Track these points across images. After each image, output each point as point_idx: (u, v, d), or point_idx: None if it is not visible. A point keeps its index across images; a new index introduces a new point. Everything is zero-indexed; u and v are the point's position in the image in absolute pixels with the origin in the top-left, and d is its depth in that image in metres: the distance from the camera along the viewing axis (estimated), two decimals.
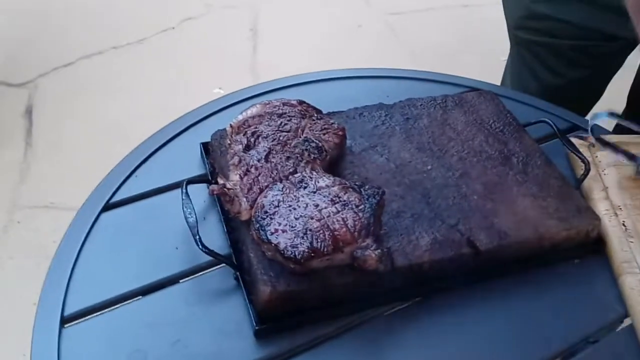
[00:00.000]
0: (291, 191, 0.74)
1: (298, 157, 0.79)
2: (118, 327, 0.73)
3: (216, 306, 0.75)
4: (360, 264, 0.70)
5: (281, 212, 0.71)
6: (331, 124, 0.85)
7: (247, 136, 0.82)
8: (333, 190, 0.74)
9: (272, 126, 0.82)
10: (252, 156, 0.79)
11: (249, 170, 0.78)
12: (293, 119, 0.84)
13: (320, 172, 0.78)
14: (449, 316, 0.76)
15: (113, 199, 0.85)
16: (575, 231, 0.81)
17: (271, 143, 0.81)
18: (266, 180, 0.76)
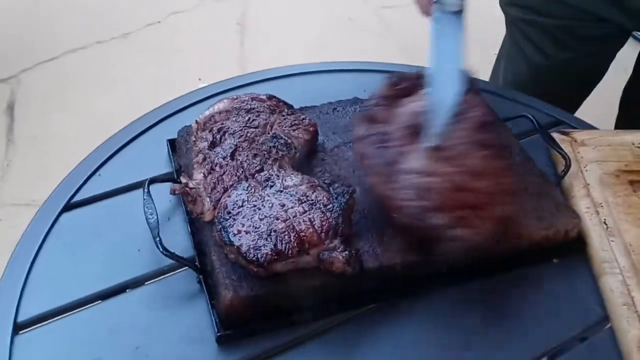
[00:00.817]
0: (257, 190, 0.71)
1: (265, 154, 0.76)
2: (76, 334, 0.70)
3: (179, 311, 0.71)
4: (327, 266, 0.66)
5: (245, 212, 0.68)
6: (302, 120, 0.82)
7: (213, 133, 0.78)
8: (301, 189, 0.71)
9: (240, 122, 0.79)
10: (217, 154, 0.76)
11: (213, 168, 0.74)
12: (262, 115, 0.80)
13: (289, 170, 0.75)
14: (424, 319, 0.73)
15: (74, 198, 0.82)
16: (553, 230, 0.78)
17: (238, 140, 0.77)
18: (231, 179, 0.73)
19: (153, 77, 2.36)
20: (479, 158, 0.68)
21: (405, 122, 0.71)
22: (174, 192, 0.73)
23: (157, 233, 0.72)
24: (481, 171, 0.67)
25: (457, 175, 0.67)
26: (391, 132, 0.71)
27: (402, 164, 0.69)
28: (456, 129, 0.69)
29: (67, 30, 2.54)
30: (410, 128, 0.70)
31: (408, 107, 0.73)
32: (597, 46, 1.17)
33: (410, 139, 0.70)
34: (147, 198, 0.75)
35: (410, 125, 0.70)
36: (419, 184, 0.67)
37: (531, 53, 1.20)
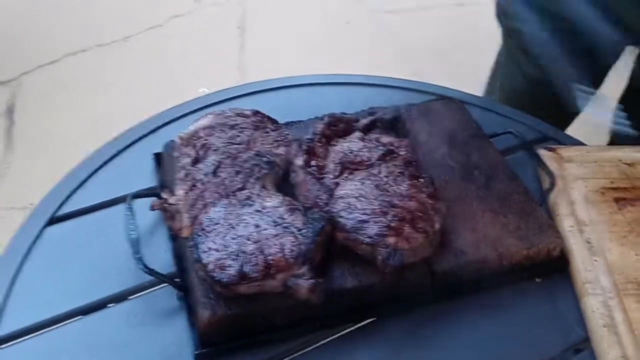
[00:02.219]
0: (235, 208, 0.71)
1: (248, 172, 0.76)
2: (56, 349, 0.70)
3: (159, 328, 0.72)
4: (292, 293, 0.66)
5: (219, 230, 0.68)
6: (285, 136, 0.82)
7: (196, 149, 0.79)
8: (278, 210, 0.71)
9: (223, 138, 0.79)
10: (199, 170, 0.76)
11: (195, 185, 0.75)
12: (245, 131, 0.81)
13: (270, 190, 0.75)
14: (403, 338, 0.73)
15: (59, 212, 0.83)
16: (535, 250, 0.78)
17: (221, 156, 0.78)
18: (211, 196, 0.73)
19: (153, 80, 2.37)
20: (407, 185, 0.77)
21: (339, 158, 0.80)
22: (152, 208, 0.73)
23: (138, 250, 0.72)
24: (408, 194, 0.75)
25: (387, 196, 0.75)
26: (326, 166, 0.79)
27: (337, 191, 0.76)
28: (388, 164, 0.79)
29: (67, 34, 2.56)
30: (342, 164, 0.79)
31: (342, 147, 0.81)
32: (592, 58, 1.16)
33: (341, 173, 0.78)
34: (129, 214, 0.76)
35: (342, 163, 0.79)
36: (353, 204, 0.74)
37: (525, 65, 1.20)
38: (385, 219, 0.72)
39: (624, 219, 0.84)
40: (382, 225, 0.71)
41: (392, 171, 0.78)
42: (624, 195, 0.87)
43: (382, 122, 0.84)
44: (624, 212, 0.85)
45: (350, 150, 0.80)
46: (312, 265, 0.67)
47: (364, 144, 0.81)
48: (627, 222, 0.84)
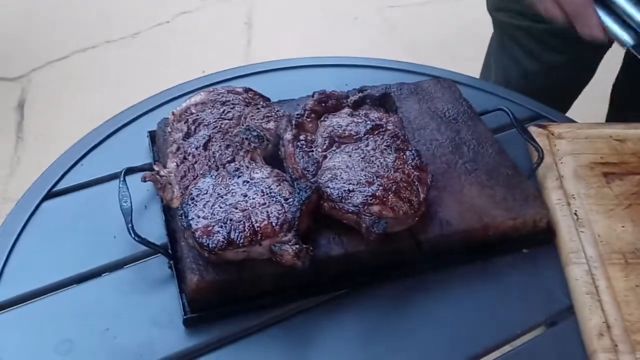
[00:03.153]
0: (224, 180, 0.73)
1: (238, 145, 0.78)
2: (48, 316, 0.72)
3: (149, 295, 0.74)
4: (277, 258, 0.68)
5: (208, 199, 0.70)
6: (275, 112, 0.83)
7: (188, 124, 0.80)
8: (267, 182, 0.72)
9: (214, 114, 0.81)
10: (190, 144, 0.78)
11: (186, 157, 0.77)
12: (236, 107, 0.82)
13: (259, 163, 0.77)
14: (389, 307, 0.75)
15: (56, 187, 0.85)
16: (521, 220, 0.78)
17: (211, 131, 0.79)
18: (202, 168, 0.75)
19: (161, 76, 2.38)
20: (393, 157, 0.78)
21: (328, 132, 0.81)
22: (144, 179, 0.75)
23: (130, 219, 0.74)
24: (393, 166, 0.77)
25: (372, 168, 0.76)
26: (315, 140, 0.81)
27: (325, 163, 0.78)
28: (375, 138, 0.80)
29: (77, 30, 2.59)
30: (330, 138, 0.80)
31: (331, 121, 0.82)
32: (586, 49, 1.17)
33: (330, 146, 0.80)
34: (123, 186, 0.78)
35: (330, 137, 0.80)
36: (340, 175, 0.76)
37: (521, 57, 1.20)
38: (370, 189, 0.73)
39: (612, 192, 0.85)
40: (367, 194, 0.73)
41: (379, 144, 0.79)
42: (613, 170, 0.88)
43: (371, 99, 0.85)
44: (612, 185, 0.86)
45: (339, 124, 0.81)
46: (298, 233, 0.68)
47: (353, 119, 0.82)
48: (615, 195, 0.84)
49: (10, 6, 2.70)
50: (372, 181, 0.74)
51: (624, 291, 0.73)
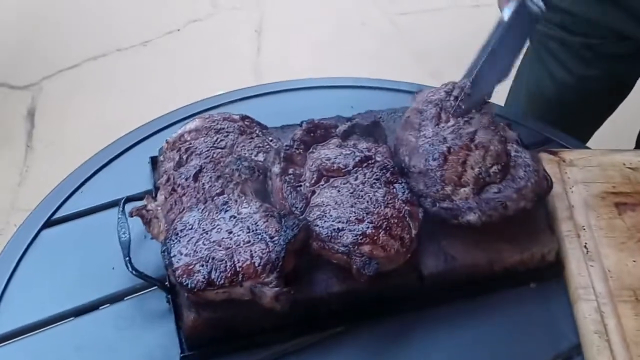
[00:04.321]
0: (211, 214, 0.71)
1: (228, 177, 0.76)
2: (47, 350, 0.72)
3: (146, 330, 0.73)
4: (257, 300, 0.66)
5: (192, 235, 0.69)
6: (268, 142, 0.82)
7: (180, 153, 0.79)
8: (254, 217, 0.70)
9: (207, 142, 0.79)
10: (180, 174, 0.76)
11: (175, 189, 0.75)
12: (230, 135, 0.81)
13: (249, 196, 0.75)
14: (391, 343, 0.73)
15: (56, 215, 0.84)
16: (529, 255, 0.77)
17: (203, 161, 0.77)
18: (189, 200, 0.73)
19: (171, 84, 2.39)
20: (383, 191, 0.76)
21: (316, 166, 0.78)
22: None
23: (128, 252, 0.73)
24: (383, 201, 0.74)
25: (362, 204, 0.74)
26: (303, 174, 0.78)
27: (313, 199, 0.75)
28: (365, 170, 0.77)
29: (87, 38, 2.59)
30: (318, 172, 0.78)
31: (319, 154, 0.80)
32: (621, 64, 1.15)
33: (318, 181, 0.77)
34: (122, 217, 0.76)
35: (318, 170, 0.78)
36: (328, 212, 0.73)
37: (555, 69, 1.18)
38: (360, 227, 0.71)
39: (624, 224, 0.82)
40: (357, 233, 0.71)
41: (369, 178, 0.77)
42: (625, 200, 0.86)
43: (360, 129, 0.83)
44: (624, 217, 0.83)
45: (327, 157, 0.79)
46: (281, 274, 0.66)
47: (341, 150, 0.80)
48: (627, 227, 0.82)
49: (22, 14, 2.71)
50: (362, 218, 0.72)
51: (634, 331, 0.71)
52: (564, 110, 1.17)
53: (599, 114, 1.27)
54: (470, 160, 0.78)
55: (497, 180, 0.77)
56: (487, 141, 0.80)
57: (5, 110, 2.29)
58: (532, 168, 0.78)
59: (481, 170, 0.77)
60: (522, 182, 0.77)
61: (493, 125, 0.83)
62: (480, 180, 0.77)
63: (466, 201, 0.75)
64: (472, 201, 0.75)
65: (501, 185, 0.77)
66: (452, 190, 0.76)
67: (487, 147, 0.80)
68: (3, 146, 2.17)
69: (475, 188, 0.76)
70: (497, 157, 0.79)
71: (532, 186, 0.77)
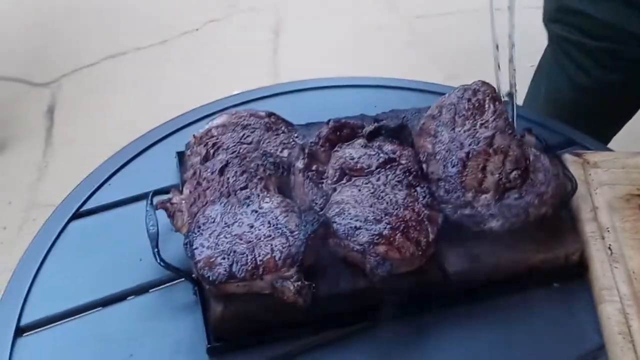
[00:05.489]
0: (233, 208, 0.72)
1: (253, 172, 0.77)
2: (74, 339, 0.72)
3: (173, 321, 0.73)
4: (278, 294, 0.67)
5: (214, 228, 0.69)
6: (293, 139, 0.82)
7: (207, 147, 0.80)
8: (275, 212, 0.71)
9: (234, 138, 0.80)
10: (206, 169, 0.77)
11: (199, 183, 0.76)
12: (256, 131, 0.82)
13: (272, 191, 0.75)
14: (415, 341, 0.73)
15: (84, 207, 0.85)
16: (553, 255, 0.77)
17: (229, 155, 0.78)
18: (213, 194, 0.74)
19: (188, 83, 2.41)
20: (404, 194, 0.76)
21: (339, 164, 0.79)
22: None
23: (156, 244, 0.74)
24: (403, 203, 0.75)
25: (382, 204, 0.75)
26: (326, 171, 0.79)
27: (334, 196, 0.76)
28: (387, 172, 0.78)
29: (107, 36, 2.62)
30: (341, 170, 0.79)
31: (343, 152, 0.80)
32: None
33: (340, 179, 0.78)
34: (150, 209, 0.77)
35: (341, 169, 0.79)
36: (347, 210, 0.74)
37: (574, 73, 1.18)
38: (377, 227, 0.72)
39: None
40: (373, 233, 0.71)
41: (391, 179, 0.77)
42: None
43: (386, 130, 0.84)
44: None
45: (351, 156, 0.80)
46: (301, 268, 0.67)
47: (366, 150, 0.81)
48: None
49: (43, 12, 2.74)
50: (380, 219, 0.72)
51: None
52: (582, 115, 1.17)
53: (618, 119, 1.27)
54: (489, 165, 0.78)
55: (517, 185, 0.77)
56: (506, 146, 0.80)
57: (25, 107, 2.32)
58: (551, 172, 0.78)
59: (501, 175, 0.77)
60: (542, 187, 0.77)
61: (510, 129, 0.83)
62: (501, 185, 0.77)
63: (488, 208, 0.75)
64: (494, 208, 0.75)
65: (522, 191, 0.77)
66: (473, 196, 0.76)
67: (506, 152, 0.80)
68: (23, 142, 2.19)
69: (496, 194, 0.76)
70: (517, 161, 0.79)
71: (552, 191, 0.77)
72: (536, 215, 0.76)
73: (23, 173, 2.09)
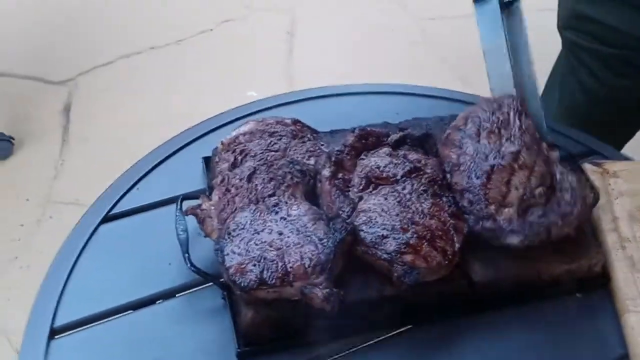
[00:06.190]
0: (262, 215, 0.73)
1: (280, 179, 0.78)
2: (106, 342, 0.74)
3: (202, 325, 0.75)
4: (307, 300, 0.68)
5: (244, 235, 0.71)
6: (319, 147, 0.84)
7: (235, 154, 0.81)
8: (303, 219, 0.73)
9: (262, 145, 0.82)
10: (235, 175, 0.79)
11: (228, 189, 0.77)
12: (283, 139, 0.83)
13: (299, 198, 0.77)
14: (439, 349, 0.75)
15: (113, 210, 0.87)
16: (576, 266, 0.78)
17: (257, 162, 0.80)
18: (242, 201, 0.76)
19: (203, 82, 2.43)
20: (429, 203, 0.77)
21: (365, 173, 0.80)
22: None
23: (187, 249, 0.75)
24: (429, 213, 0.76)
25: (408, 213, 0.76)
26: (352, 179, 0.80)
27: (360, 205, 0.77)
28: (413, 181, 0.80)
29: (123, 36, 2.63)
30: (367, 178, 0.80)
31: (369, 161, 0.82)
32: None
33: (366, 187, 0.79)
34: (179, 215, 0.79)
35: (367, 177, 0.80)
36: (374, 218, 0.75)
37: (586, 79, 1.19)
38: (404, 236, 0.73)
39: None
40: (400, 242, 0.72)
41: (416, 188, 0.78)
42: None
43: (412, 139, 0.85)
44: None
45: (377, 165, 0.81)
46: (330, 275, 0.68)
47: (391, 159, 0.82)
48: None
49: (57, 11, 2.76)
50: (407, 228, 0.74)
51: None
52: (595, 121, 1.17)
53: (631, 126, 1.28)
54: (514, 180, 0.79)
55: (542, 202, 0.78)
56: (532, 162, 0.81)
57: (42, 105, 2.34)
58: (578, 193, 0.79)
59: (525, 191, 0.78)
60: (567, 207, 0.78)
61: (536, 145, 0.83)
62: (525, 201, 0.77)
63: (509, 223, 0.76)
64: (516, 223, 0.76)
65: (546, 209, 0.77)
66: (496, 209, 0.77)
67: (532, 168, 0.80)
68: (39, 140, 2.21)
69: (520, 209, 0.77)
70: (542, 178, 0.80)
71: (577, 213, 0.78)
72: (558, 235, 0.77)
73: (40, 170, 2.11)
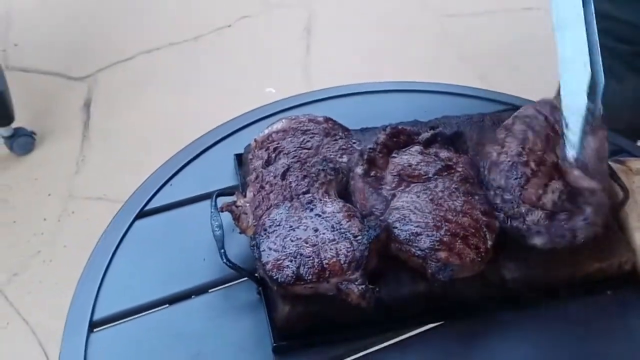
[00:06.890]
0: (297, 211, 0.75)
1: (314, 177, 0.79)
2: (144, 335, 0.75)
3: (238, 320, 0.76)
4: (343, 296, 0.69)
5: (280, 231, 0.72)
6: (351, 144, 0.85)
7: (269, 152, 0.82)
8: (337, 216, 0.74)
9: (294, 143, 0.83)
10: (269, 172, 0.80)
11: (263, 186, 0.78)
12: (316, 137, 0.84)
13: (332, 195, 0.78)
14: (471, 344, 0.76)
15: (147, 206, 0.88)
16: (607, 264, 0.79)
17: (291, 160, 0.81)
18: (276, 198, 0.77)
19: (221, 78, 2.44)
20: (462, 201, 0.78)
21: (397, 171, 0.81)
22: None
23: (222, 245, 0.76)
24: (462, 210, 0.77)
25: (441, 211, 0.76)
26: (384, 177, 0.80)
27: (393, 202, 0.78)
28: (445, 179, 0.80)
29: (141, 32, 2.65)
30: (399, 176, 0.80)
31: (401, 159, 0.82)
32: None
33: (398, 185, 0.80)
34: (214, 211, 0.80)
35: (399, 175, 0.81)
36: (408, 216, 0.76)
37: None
38: (438, 233, 0.74)
39: None
40: (434, 239, 0.73)
41: (448, 186, 0.79)
42: None
43: (442, 138, 0.86)
44: None
45: (409, 163, 0.82)
46: (366, 272, 0.69)
47: (423, 157, 0.83)
48: None
49: (78, 8, 2.78)
50: (440, 225, 0.75)
51: None
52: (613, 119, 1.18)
53: None
54: (551, 185, 0.80)
55: (571, 208, 0.79)
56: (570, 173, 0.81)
57: (62, 101, 2.36)
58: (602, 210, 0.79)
59: (558, 200, 0.79)
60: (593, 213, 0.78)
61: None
62: (557, 205, 0.78)
63: (537, 224, 0.77)
64: (543, 225, 0.77)
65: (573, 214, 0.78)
66: (527, 210, 0.78)
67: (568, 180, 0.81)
68: (61, 135, 2.23)
69: (550, 213, 0.78)
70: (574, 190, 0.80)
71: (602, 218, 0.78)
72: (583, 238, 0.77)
73: (61, 166, 2.13)
